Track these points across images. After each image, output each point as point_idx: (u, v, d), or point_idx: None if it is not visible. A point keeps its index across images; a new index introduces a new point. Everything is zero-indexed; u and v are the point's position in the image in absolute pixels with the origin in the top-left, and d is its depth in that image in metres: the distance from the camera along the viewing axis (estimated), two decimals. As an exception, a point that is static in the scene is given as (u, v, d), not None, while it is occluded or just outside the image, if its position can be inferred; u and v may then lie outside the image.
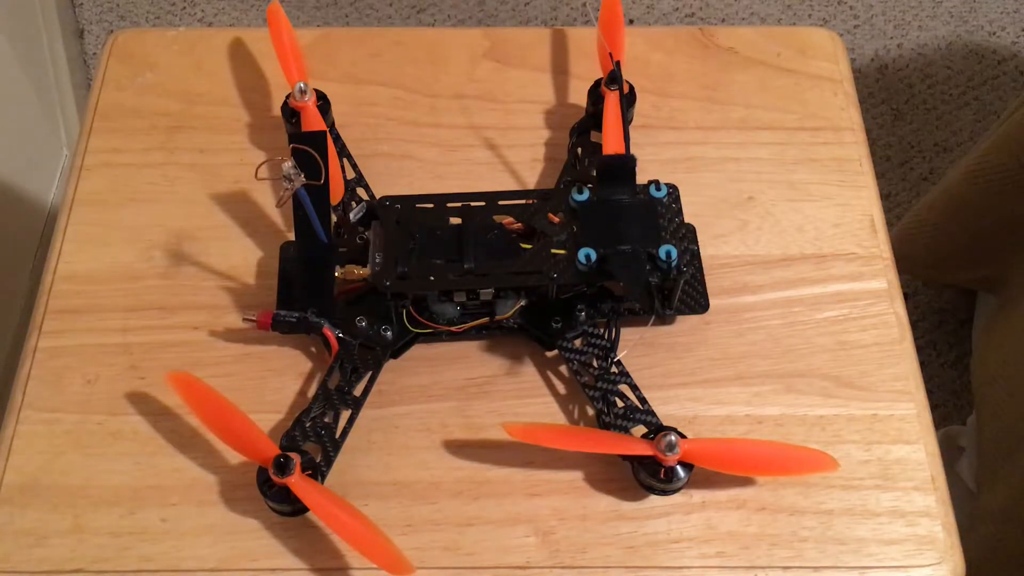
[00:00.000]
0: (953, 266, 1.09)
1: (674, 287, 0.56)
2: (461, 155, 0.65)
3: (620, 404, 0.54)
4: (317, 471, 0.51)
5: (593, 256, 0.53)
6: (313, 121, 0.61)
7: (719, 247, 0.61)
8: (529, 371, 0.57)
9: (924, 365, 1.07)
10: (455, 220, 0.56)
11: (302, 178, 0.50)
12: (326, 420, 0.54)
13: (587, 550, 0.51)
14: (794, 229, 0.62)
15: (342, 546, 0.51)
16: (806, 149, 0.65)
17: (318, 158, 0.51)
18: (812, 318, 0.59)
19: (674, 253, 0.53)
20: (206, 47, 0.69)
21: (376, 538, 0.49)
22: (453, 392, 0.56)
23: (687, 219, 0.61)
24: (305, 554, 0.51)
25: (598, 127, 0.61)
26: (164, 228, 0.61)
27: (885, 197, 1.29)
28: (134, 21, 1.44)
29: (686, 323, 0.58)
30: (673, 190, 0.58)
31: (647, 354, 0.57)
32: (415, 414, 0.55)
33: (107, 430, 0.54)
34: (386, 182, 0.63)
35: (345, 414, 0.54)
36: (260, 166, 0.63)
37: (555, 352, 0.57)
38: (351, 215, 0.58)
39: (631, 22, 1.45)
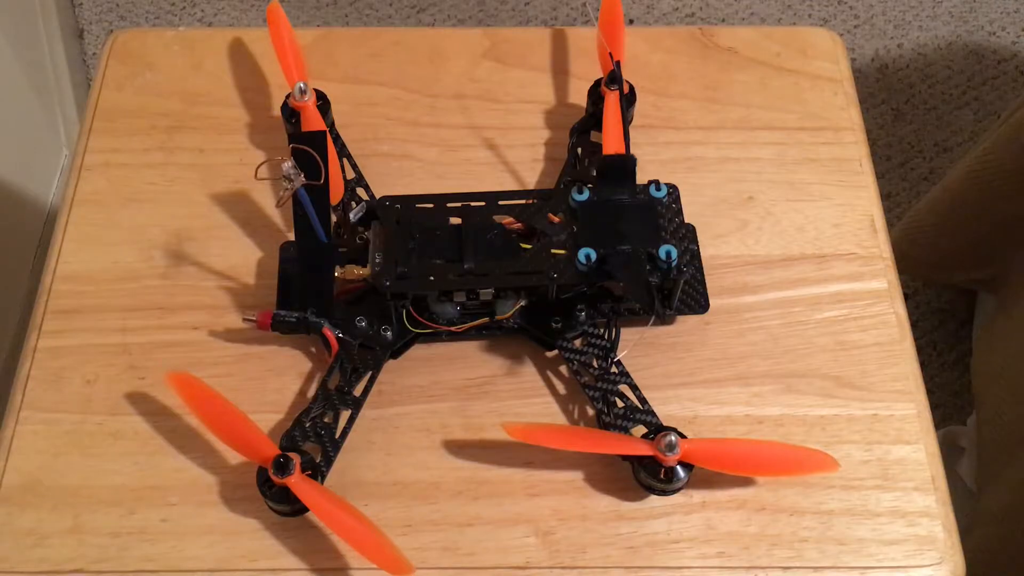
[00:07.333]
0: (953, 266, 1.09)
1: (674, 287, 0.56)
2: (461, 155, 0.65)
3: (620, 404, 0.54)
4: (317, 471, 0.51)
5: (593, 256, 0.53)
6: (313, 121, 0.61)
7: (719, 247, 0.61)
8: (529, 371, 0.57)
9: (924, 365, 1.07)
10: (455, 220, 0.56)
11: (302, 178, 0.50)
12: (326, 420, 0.54)
13: (587, 550, 0.51)
14: (794, 229, 0.62)
15: (342, 546, 0.51)
16: (806, 149, 0.65)
17: (318, 158, 0.51)
18: (812, 318, 0.59)
19: (674, 253, 0.53)
20: (206, 47, 0.69)
21: (376, 538, 0.49)
22: (453, 392, 0.56)
23: (687, 219, 0.61)
24: (305, 554, 0.51)
25: (598, 127, 0.61)
26: (164, 228, 0.61)
27: (885, 197, 1.29)
28: (134, 21, 1.44)
29: (686, 323, 0.58)
30: (673, 190, 0.58)
31: (647, 354, 0.57)
32: (415, 414, 0.55)
33: (107, 430, 0.54)
34: (386, 182, 0.63)
35: (345, 414, 0.54)
36: (260, 166, 0.63)
37: (555, 352, 0.57)
38: (351, 215, 0.58)
39: (631, 22, 1.45)
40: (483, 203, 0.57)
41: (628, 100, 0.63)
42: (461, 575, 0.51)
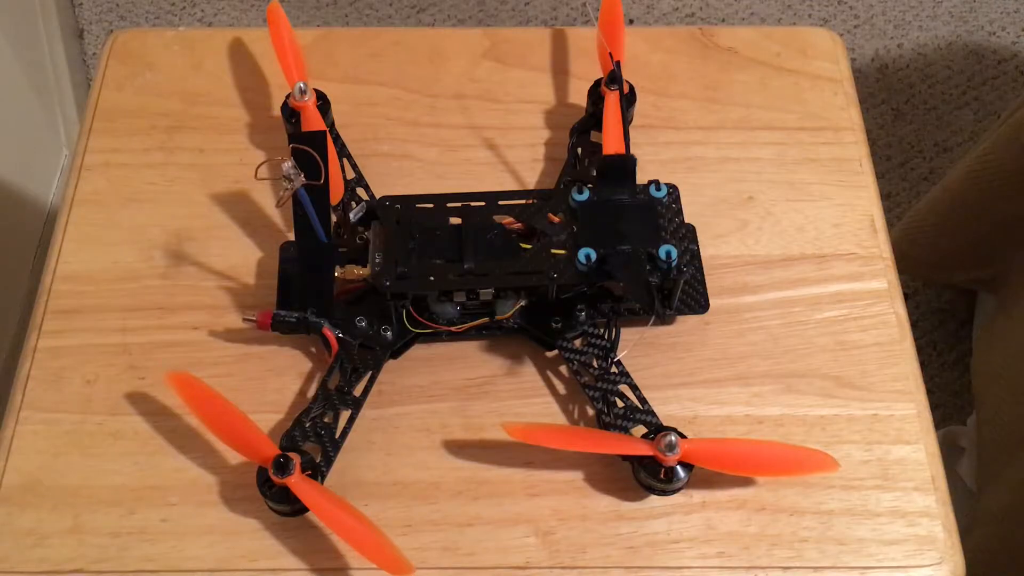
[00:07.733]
0: (953, 266, 1.09)
1: (674, 287, 0.56)
2: (461, 155, 0.65)
3: (620, 404, 0.54)
4: (317, 471, 0.51)
5: (593, 256, 0.53)
6: (313, 121, 0.61)
7: (719, 247, 0.61)
8: (529, 371, 0.57)
9: (924, 365, 1.07)
10: (455, 220, 0.56)
11: (302, 178, 0.50)
12: (326, 420, 0.54)
13: (587, 550, 0.51)
14: (794, 229, 0.62)
15: (342, 546, 0.51)
16: (806, 149, 0.65)
17: (318, 158, 0.51)
18: (812, 318, 0.59)
19: (674, 253, 0.53)
20: (206, 47, 0.69)
21: (376, 538, 0.49)
22: (453, 392, 0.56)
23: (687, 219, 0.61)
24: (305, 554, 0.51)
25: (598, 127, 0.61)
26: (164, 228, 0.61)
27: (885, 197, 1.29)
28: (134, 21, 1.44)
29: (686, 323, 0.58)
30: (673, 190, 0.58)
31: (647, 354, 0.57)
32: (415, 414, 0.55)
33: (107, 430, 0.54)
34: (386, 182, 0.63)
35: (345, 414, 0.54)
36: (260, 166, 0.63)
37: (555, 352, 0.57)
38: (351, 215, 0.58)
39: (631, 22, 1.45)
40: (483, 203, 0.57)
41: (628, 100, 0.63)
42: (461, 575, 0.51)
